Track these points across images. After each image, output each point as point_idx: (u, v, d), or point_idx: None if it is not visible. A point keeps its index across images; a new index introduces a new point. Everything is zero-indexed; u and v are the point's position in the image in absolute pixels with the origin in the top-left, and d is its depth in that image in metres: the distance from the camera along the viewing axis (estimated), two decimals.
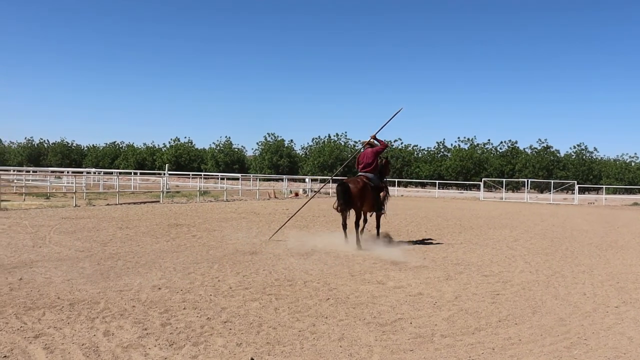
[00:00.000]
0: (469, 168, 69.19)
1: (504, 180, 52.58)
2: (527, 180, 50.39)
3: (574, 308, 7.47)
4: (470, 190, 58.69)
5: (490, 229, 18.36)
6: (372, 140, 13.66)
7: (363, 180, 12.92)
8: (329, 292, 7.92)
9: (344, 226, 12.76)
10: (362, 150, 13.99)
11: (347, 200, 12.43)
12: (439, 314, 6.89)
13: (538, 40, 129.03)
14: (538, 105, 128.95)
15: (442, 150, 76.07)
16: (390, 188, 16.96)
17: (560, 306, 7.55)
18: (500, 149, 74.17)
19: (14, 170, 52.19)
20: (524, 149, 72.97)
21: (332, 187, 38.60)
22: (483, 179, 50.71)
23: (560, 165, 68.61)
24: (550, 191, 47.93)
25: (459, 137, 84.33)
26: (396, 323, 6.42)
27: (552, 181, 50.57)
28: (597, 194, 60.61)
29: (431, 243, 13.83)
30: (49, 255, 10.28)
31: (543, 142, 71.46)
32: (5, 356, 4.94)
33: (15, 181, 36.15)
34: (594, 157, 71.03)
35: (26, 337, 5.48)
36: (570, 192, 53.69)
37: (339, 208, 12.50)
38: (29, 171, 54.68)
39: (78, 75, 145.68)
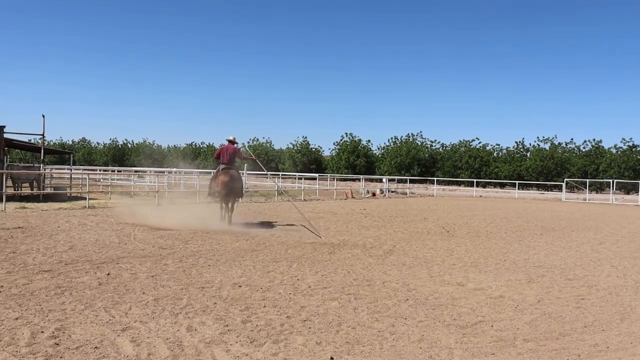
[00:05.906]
0: (550, 168, 67.01)
1: (587, 180, 50.70)
2: (613, 181, 48.42)
3: None
4: (552, 191, 56.98)
5: (574, 231, 17.77)
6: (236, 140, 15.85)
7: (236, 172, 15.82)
8: (408, 293, 7.87)
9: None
10: (224, 145, 15.98)
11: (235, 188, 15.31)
12: (521, 318, 6.73)
13: (620, 35, 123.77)
14: (623, 102, 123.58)
15: (522, 150, 73.95)
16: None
17: None
18: (584, 148, 71.42)
19: (100, 170, 54.25)
20: (609, 148, 69.94)
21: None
22: (565, 180, 49.09)
23: None
24: (637, 192, 45.77)
25: (538, 137, 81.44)
26: (477, 326, 6.32)
27: None
28: None
29: (512, 244, 13.52)
30: (134, 252, 10.65)
31: (628, 142, 68.32)
32: (96, 347, 5.16)
33: (101, 180, 37.60)
34: None
35: (114, 329, 5.70)
36: None
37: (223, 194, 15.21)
38: (113, 171, 56.77)
39: (158, 76, 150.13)
